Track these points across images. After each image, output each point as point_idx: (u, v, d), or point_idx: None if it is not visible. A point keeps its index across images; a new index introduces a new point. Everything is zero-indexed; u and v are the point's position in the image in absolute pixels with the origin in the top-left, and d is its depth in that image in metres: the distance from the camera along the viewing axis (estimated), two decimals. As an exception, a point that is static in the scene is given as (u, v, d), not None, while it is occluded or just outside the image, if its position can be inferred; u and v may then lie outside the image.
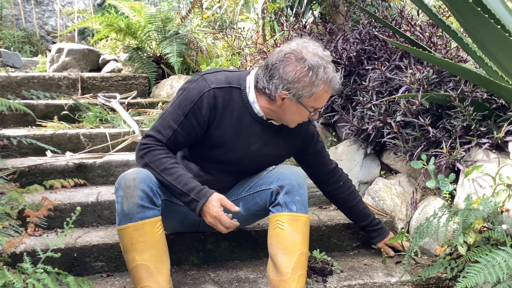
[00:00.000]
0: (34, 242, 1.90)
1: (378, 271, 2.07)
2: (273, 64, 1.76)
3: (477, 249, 1.84)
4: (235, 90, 1.82)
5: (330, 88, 1.77)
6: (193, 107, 1.75)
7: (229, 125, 1.82)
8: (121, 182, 1.70)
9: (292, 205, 1.79)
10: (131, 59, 4.63)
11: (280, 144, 1.95)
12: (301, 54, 1.72)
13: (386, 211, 2.47)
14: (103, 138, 3.13)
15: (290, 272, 1.75)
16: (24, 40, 8.04)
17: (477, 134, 2.16)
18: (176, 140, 1.78)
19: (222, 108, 1.79)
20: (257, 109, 1.84)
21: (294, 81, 1.72)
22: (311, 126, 2.02)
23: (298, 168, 1.89)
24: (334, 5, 3.48)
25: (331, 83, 1.75)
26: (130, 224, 1.67)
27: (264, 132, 1.89)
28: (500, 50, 1.90)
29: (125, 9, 4.96)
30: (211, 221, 1.71)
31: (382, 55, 2.76)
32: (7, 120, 3.46)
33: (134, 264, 1.68)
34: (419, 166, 2.29)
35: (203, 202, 1.70)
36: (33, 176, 2.56)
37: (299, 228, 1.79)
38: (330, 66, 1.74)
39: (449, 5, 1.90)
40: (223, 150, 1.86)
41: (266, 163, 1.98)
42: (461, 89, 2.20)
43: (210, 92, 1.76)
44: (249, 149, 1.89)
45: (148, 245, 1.68)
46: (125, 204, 1.67)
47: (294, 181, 1.81)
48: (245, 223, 2.09)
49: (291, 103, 1.77)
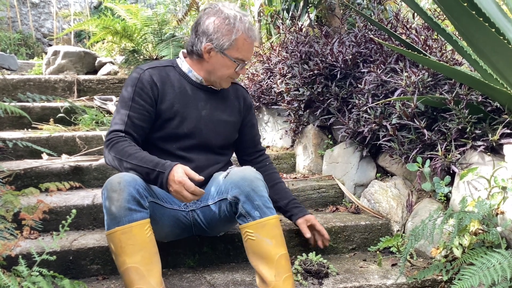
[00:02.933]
0: (29, 245, 1.90)
1: (373, 273, 2.07)
2: (196, 22, 1.96)
3: (472, 252, 1.84)
4: (169, 67, 1.99)
5: (249, 36, 1.91)
6: (135, 90, 1.88)
7: (174, 97, 1.94)
8: (107, 186, 1.70)
9: (254, 212, 1.78)
10: (128, 61, 4.63)
11: (229, 109, 2.07)
12: (217, 7, 1.92)
13: (382, 214, 2.47)
14: (99, 141, 3.12)
15: (274, 279, 1.75)
16: (20, 42, 8.02)
17: (472, 137, 2.17)
18: (133, 123, 1.86)
19: (161, 83, 1.92)
20: (195, 75, 1.99)
21: (214, 31, 1.89)
22: (249, 97, 2.19)
23: (249, 170, 1.86)
24: (330, 8, 3.49)
25: (249, 31, 1.90)
26: (118, 228, 1.67)
27: (209, 97, 2.01)
28: (495, 53, 1.91)
29: (122, 11, 4.96)
30: (176, 188, 1.69)
31: (378, 58, 2.77)
32: (2, 123, 3.45)
33: (125, 267, 1.67)
34: (415, 168, 2.29)
35: (168, 171, 1.71)
36: (29, 178, 2.55)
37: (269, 232, 1.78)
38: (246, 18, 1.92)
39: (444, 9, 1.91)
40: (177, 121, 1.94)
41: (224, 131, 2.04)
42: (456, 92, 2.21)
43: (145, 73, 1.91)
44: (201, 115, 1.98)
45: (137, 248, 1.68)
46: (113, 208, 1.67)
47: (247, 187, 1.78)
48: (224, 228, 2.11)
49: (216, 56, 1.91)
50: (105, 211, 1.71)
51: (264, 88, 3.49)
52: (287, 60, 3.19)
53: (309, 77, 2.97)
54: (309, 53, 3.05)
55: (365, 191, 2.65)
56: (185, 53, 2.04)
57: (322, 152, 3.09)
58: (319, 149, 3.11)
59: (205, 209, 1.96)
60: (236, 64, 1.93)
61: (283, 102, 3.21)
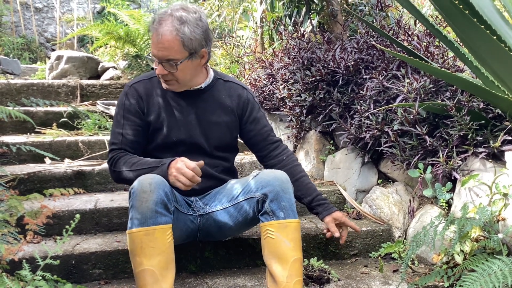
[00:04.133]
0: (32, 249, 1.91)
1: (375, 279, 2.07)
2: None
3: (473, 258, 1.84)
4: (154, 78, 2.01)
5: (153, 30, 1.85)
6: (124, 107, 1.95)
7: (159, 107, 1.97)
8: (136, 186, 1.71)
9: (279, 212, 1.80)
10: (130, 66, 4.64)
11: (218, 110, 2.03)
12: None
13: (383, 220, 2.47)
14: (102, 145, 3.13)
15: (285, 280, 1.75)
16: (23, 47, 8.06)
17: (474, 144, 2.17)
18: (128, 140, 1.93)
19: (146, 96, 1.96)
20: None
21: None
22: (246, 92, 2.11)
23: (281, 172, 1.89)
24: (332, 15, 3.51)
25: (153, 25, 1.87)
26: (141, 228, 1.68)
27: (194, 101, 2.01)
28: (496, 61, 1.92)
29: (125, 17, 4.99)
30: (175, 174, 1.74)
31: (380, 64, 2.78)
32: (6, 127, 3.47)
33: (141, 269, 1.68)
34: (416, 174, 2.30)
35: (169, 161, 1.78)
36: (32, 183, 2.56)
37: (289, 234, 1.80)
38: (157, 16, 1.87)
39: (446, 16, 1.92)
40: (165, 130, 1.96)
41: (215, 133, 2.03)
42: (458, 98, 2.22)
43: (130, 88, 1.97)
44: (188, 120, 1.98)
45: (157, 251, 1.69)
46: (140, 208, 1.68)
47: (278, 187, 1.82)
48: (238, 231, 2.10)
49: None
50: (131, 210, 1.72)
51: (266, 93, 3.50)
52: (289, 66, 3.20)
53: (311, 83, 2.98)
54: (311, 59, 3.06)
55: (367, 197, 2.65)
56: None
57: (324, 157, 3.10)
58: (321, 155, 3.12)
59: (220, 212, 1.97)
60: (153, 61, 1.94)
61: (285, 108, 3.22)
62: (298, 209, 2.65)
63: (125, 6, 7.81)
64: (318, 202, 2.09)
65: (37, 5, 8.64)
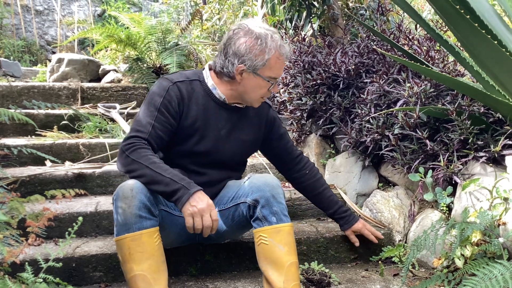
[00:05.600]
0: (33, 252, 1.91)
1: (375, 283, 2.07)
2: (225, 43, 1.89)
3: (474, 262, 1.84)
4: (195, 82, 1.94)
5: (281, 54, 1.86)
6: (163, 101, 1.84)
7: (197, 114, 1.91)
8: (119, 193, 1.71)
9: (271, 217, 1.80)
10: (131, 69, 4.65)
11: (248, 128, 2.03)
12: (247, 27, 1.86)
13: (384, 223, 2.48)
14: (103, 148, 3.14)
15: (282, 286, 1.75)
16: (24, 49, 8.07)
17: (474, 148, 2.17)
18: (156, 134, 1.82)
19: (187, 99, 1.90)
20: (219, 94, 1.94)
21: (247, 52, 1.84)
22: (271, 111, 2.12)
23: (271, 177, 1.89)
24: (333, 19, 3.52)
25: (281, 49, 1.86)
26: (128, 235, 1.67)
27: (230, 116, 1.98)
28: (497, 65, 1.92)
29: (126, 20, 5.00)
30: (195, 212, 1.67)
31: (380, 68, 2.78)
32: (6, 130, 3.48)
33: (132, 275, 1.68)
34: (417, 178, 2.30)
35: (194, 191, 1.68)
36: (33, 185, 2.57)
37: (283, 239, 1.80)
38: (276, 35, 1.87)
39: (446, 20, 1.93)
40: (196, 138, 1.92)
41: (240, 150, 2.04)
42: (459, 103, 2.22)
43: (174, 86, 1.88)
44: (220, 134, 1.95)
45: (146, 255, 1.68)
46: (123, 214, 1.68)
47: (268, 192, 1.82)
48: (234, 234, 2.11)
49: (249, 77, 1.88)
50: (115, 217, 1.71)
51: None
52: (290, 70, 3.21)
53: (312, 87, 2.98)
54: (312, 63, 3.07)
55: (367, 200, 2.65)
56: (211, 65, 1.99)
57: (324, 161, 3.10)
58: (321, 158, 3.12)
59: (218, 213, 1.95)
60: (270, 84, 1.89)
61: (286, 111, 3.23)
62: (299, 212, 2.68)
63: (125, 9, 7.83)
64: (339, 215, 2.24)
65: (37, 7, 8.66)
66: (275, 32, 1.88)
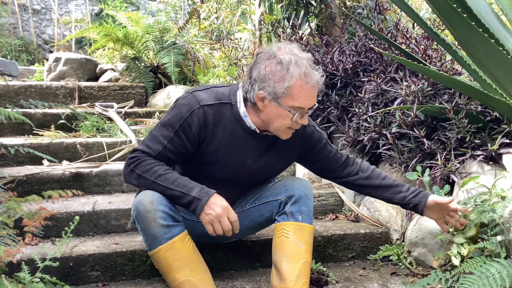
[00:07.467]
0: (30, 251, 1.90)
1: (373, 281, 2.07)
2: (251, 67, 1.75)
3: (471, 261, 1.85)
4: (226, 105, 1.78)
5: (306, 83, 1.67)
6: (182, 124, 1.71)
7: (221, 142, 1.78)
8: (139, 208, 1.68)
9: (298, 215, 1.83)
10: (129, 68, 4.65)
11: (278, 154, 1.89)
12: (272, 51, 1.71)
13: (382, 222, 2.48)
14: (100, 147, 3.13)
15: (294, 280, 1.76)
16: (21, 48, 8.04)
17: (472, 146, 2.18)
18: (166, 156, 1.72)
19: (213, 125, 1.75)
20: (249, 123, 1.79)
21: (266, 78, 1.68)
22: (308, 126, 1.90)
23: (304, 180, 1.93)
24: (331, 18, 3.52)
25: (306, 76, 1.67)
26: (161, 247, 1.68)
27: (260, 144, 1.84)
28: (494, 64, 1.93)
29: (123, 19, 4.99)
30: (212, 219, 1.64)
31: (378, 67, 2.79)
32: (3, 129, 3.47)
33: (177, 283, 1.69)
34: (414, 177, 2.30)
35: (206, 199, 1.65)
36: (30, 185, 2.56)
37: (303, 237, 1.82)
38: (304, 61, 1.68)
39: (444, 19, 1.93)
40: (217, 167, 1.82)
41: (265, 175, 1.97)
42: (456, 101, 2.22)
43: (200, 110, 1.72)
44: (246, 163, 1.84)
45: (184, 261, 1.69)
46: (150, 228, 1.67)
47: (302, 191, 1.85)
48: (248, 233, 2.11)
49: (270, 105, 1.71)
50: (142, 232, 1.71)
51: (264, 96, 3.50)
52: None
53: (309, 86, 2.98)
54: (310, 62, 3.06)
55: (365, 199, 2.65)
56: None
57: (322, 160, 3.09)
58: (319, 157, 3.11)
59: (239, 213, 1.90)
60: (292, 114, 1.70)
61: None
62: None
63: (123, 8, 7.82)
64: (413, 193, 1.95)
65: (35, 6, 8.63)
66: (303, 58, 1.69)
